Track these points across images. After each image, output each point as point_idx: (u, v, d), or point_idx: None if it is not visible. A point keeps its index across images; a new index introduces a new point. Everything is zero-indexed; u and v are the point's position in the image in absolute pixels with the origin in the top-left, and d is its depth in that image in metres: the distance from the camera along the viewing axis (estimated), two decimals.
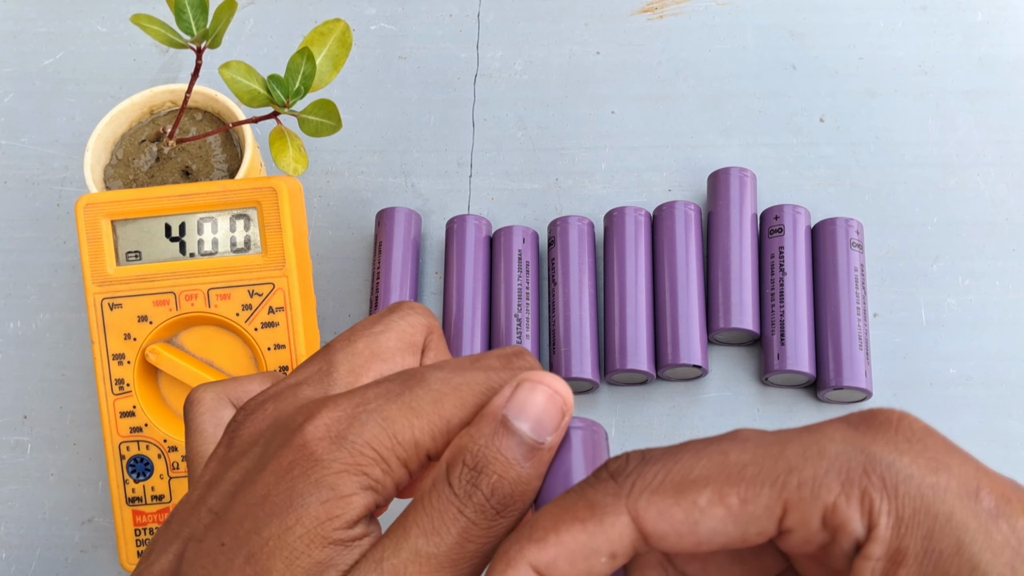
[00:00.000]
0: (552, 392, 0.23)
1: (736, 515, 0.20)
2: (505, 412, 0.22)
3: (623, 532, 0.20)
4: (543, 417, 0.22)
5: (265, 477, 0.22)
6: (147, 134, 0.46)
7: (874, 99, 0.54)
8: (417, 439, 0.23)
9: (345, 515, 0.22)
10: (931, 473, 0.19)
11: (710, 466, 0.20)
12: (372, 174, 0.53)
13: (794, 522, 0.20)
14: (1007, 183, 0.51)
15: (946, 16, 0.56)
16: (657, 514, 0.20)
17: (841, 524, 0.19)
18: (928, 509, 0.19)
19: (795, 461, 0.20)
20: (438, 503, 0.22)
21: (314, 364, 0.26)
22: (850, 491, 0.19)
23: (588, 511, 0.20)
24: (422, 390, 0.23)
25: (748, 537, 0.20)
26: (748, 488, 0.20)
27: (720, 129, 0.54)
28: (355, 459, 0.22)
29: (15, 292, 0.51)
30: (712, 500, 0.20)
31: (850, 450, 0.20)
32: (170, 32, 0.40)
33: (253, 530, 0.22)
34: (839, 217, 0.48)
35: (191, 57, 0.43)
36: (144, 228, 0.41)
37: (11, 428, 0.48)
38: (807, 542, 0.20)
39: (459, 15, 0.58)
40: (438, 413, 0.23)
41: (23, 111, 0.56)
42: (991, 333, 0.48)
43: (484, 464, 0.22)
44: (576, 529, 0.20)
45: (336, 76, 0.42)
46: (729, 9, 0.57)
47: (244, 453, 0.24)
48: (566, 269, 0.47)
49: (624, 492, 0.20)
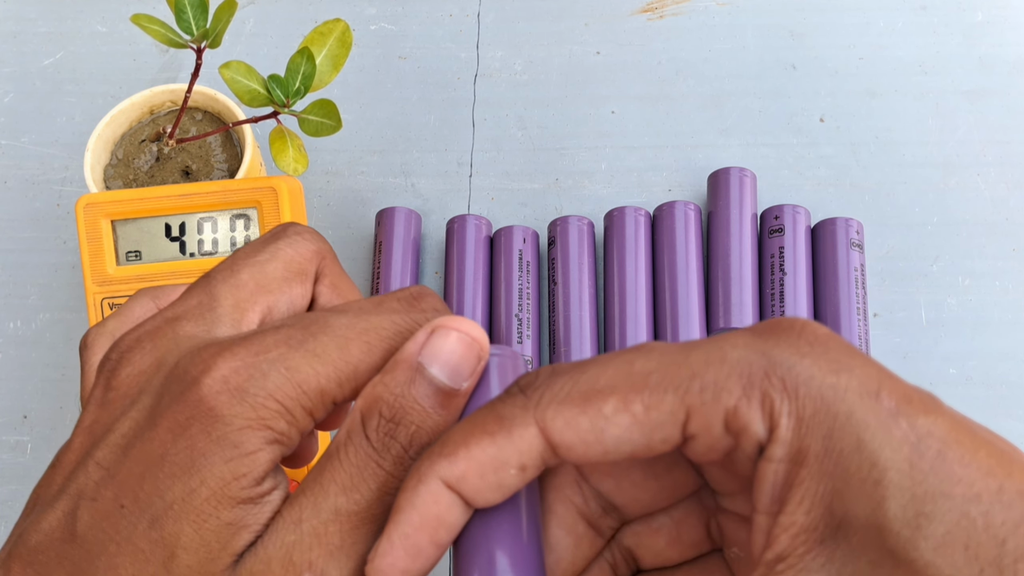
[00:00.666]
0: (467, 337, 0.22)
1: (641, 422, 0.20)
2: (420, 359, 0.22)
3: (532, 443, 0.20)
4: (459, 363, 0.22)
5: (160, 434, 0.21)
6: (147, 134, 0.46)
7: (874, 99, 0.54)
8: (323, 387, 0.22)
9: (252, 472, 0.21)
10: (832, 374, 0.19)
11: (616, 376, 0.20)
12: (372, 174, 0.53)
13: (697, 427, 0.19)
14: (1007, 183, 0.51)
15: (946, 16, 0.56)
16: (564, 424, 0.20)
17: (743, 427, 0.19)
18: (828, 409, 0.19)
19: (698, 367, 0.20)
20: (355, 458, 0.21)
21: (193, 296, 0.24)
22: (751, 393, 0.19)
23: (497, 424, 0.20)
24: (326, 336, 0.22)
25: (653, 444, 0.20)
26: (652, 395, 0.20)
27: (720, 129, 0.54)
28: (258, 413, 0.21)
29: (15, 292, 0.51)
30: (617, 408, 0.20)
31: (751, 354, 0.20)
32: (170, 32, 0.40)
33: (155, 493, 0.21)
34: (839, 217, 0.48)
35: (191, 57, 0.43)
36: (144, 228, 0.41)
37: (11, 428, 0.48)
38: (711, 448, 0.20)
39: (459, 15, 0.58)
40: (344, 359, 0.22)
41: (23, 111, 0.56)
42: (991, 333, 0.48)
43: (401, 414, 0.21)
44: (485, 442, 0.20)
45: (336, 76, 0.42)
46: (729, 9, 0.57)
47: (130, 400, 0.23)
48: (566, 269, 0.47)
49: (532, 404, 0.20)
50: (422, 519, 0.20)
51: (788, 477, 0.19)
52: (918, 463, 0.18)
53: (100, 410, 0.23)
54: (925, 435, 0.18)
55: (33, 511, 0.22)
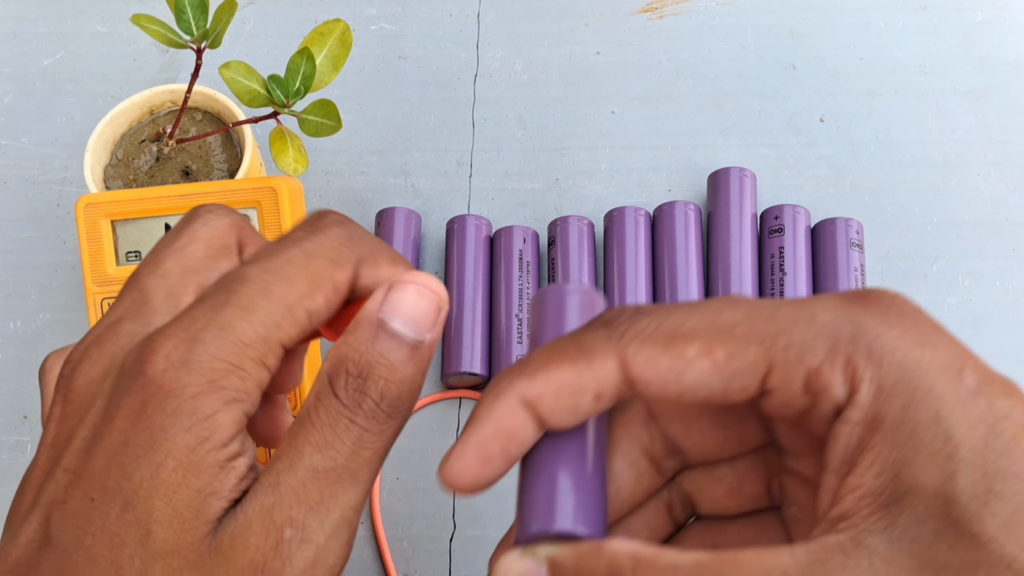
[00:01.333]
0: (425, 289, 0.23)
1: (721, 369, 0.20)
2: (380, 315, 0.22)
3: (610, 375, 0.21)
4: (419, 315, 0.22)
5: (118, 424, 0.21)
6: (147, 134, 0.46)
7: (874, 99, 0.54)
8: (262, 334, 0.22)
9: (215, 435, 0.21)
10: (917, 348, 0.19)
11: (701, 322, 0.20)
12: (372, 174, 0.53)
13: (777, 382, 0.20)
14: (1007, 183, 0.51)
15: (946, 16, 0.56)
16: (644, 361, 0.20)
17: (823, 387, 0.20)
18: (909, 380, 0.19)
19: (785, 324, 0.20)
20: (327, 416, 0.22)
21: (126, 297, 0.25)
22: (835, 357, 0.19)
23: (579, 352, 0.21)
24: (246, 287, 0.22)
25: (730, 393, 0.20)
26: (736, 344, 0.20)
27: (720, 129, 0.54)
28: (206, 377, 0.21)
29: (15, 292, 0.51)
30: (700, 352, 0.20)
31: (840, 319, 0.20)
32: (170, 32, 0.40)
33: (122, 478, 0.21)
34: (839, 217, 0.48)
35: (191, 57, 0.43)
36: (144, 228, 0.41)
37: (11, 428, 0.48)
38: (787, 405, 0.20)
39: (459, 15, 0.58)
40: (272, 301, 0.22)
41: (23, 111, 0.56)
42: (991, 333, 0.48)
43: (368, 370, 0.22)
44: (565, 367, 0.21)
45: (336, 76, 0.42)
46: (729, 9, 0.57)
47: (85, 407, 0.23)
48: (566, 269, 0.47)
49: (615, 337, 0.21)
50: (496, 430, 0.21)
51: (861, 441, 0.19)
52: (992, 443, 0.18)
53: (60, 424, 0.23)
54: (1002, 417, 0.19)
55: (8, 530, 0.23)
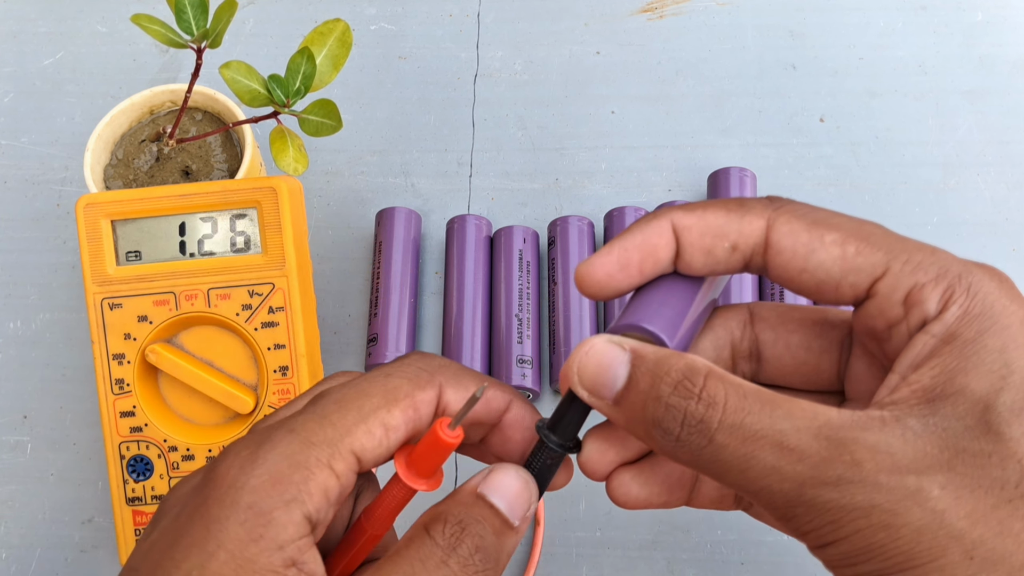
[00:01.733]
0: (524, 474, 0.25)
1: (847, 259, 0.23)
2: (480, 490, 0.24)
3: (754, 230, 0.24)
4: (515, 496, 0.24)
5: (181, 520, 0.21)
6: (147, 134, 0.46)
7: (874, 99, 0.54)
8: (331, 436, 0.22)
9: (270, 533, 0.21)
10: (1009, 301, 0.23)
11: (845, 222, 0.24)
12: (372, 174, 0.53)
13: (885, 287, 0.23)
14: (1007, 183, 0.51)
15: (946, 16, 0.56)
16: (788, 230, 0.24)
17: (919, 301, 0.23)
18: (993, 317, 0.22)
19: (912, 248, 0.23)
20: (419, 553, 0.22)
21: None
22: (940, 281, 0.23)
23: (738, 205, 0.25)
24: (323, 400, 0.23)
25: (842, 287, 0.24)
26: (867, 245, 0.23)
27: (720, 129, 0.54)
28: (269, 473, 0.21)
29: (15, 292, 0.51)
30: (835, 241, 0.24)
31: (956, 261, 0.23)
32: (170, 32, 0.40)
33: (173, 567, 0.21)
34: None
35: (191, 57, 0.43)
36: (144, 228, 0.41)
37: (11, 428, 0.48)
38: (881, 313, 0.23)
39: (459, 15, 0.58)
40: (345, 408, 0.23)
41: (23, 111, 0.56)
42: None
43: (467, 524, 0.23)
44: (721, 211, 0.24)
45: (336, 76, 0.42)
46: (729, 9, 0.57)
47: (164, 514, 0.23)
48: (566, 269, 0.47)
49: (773, 207, 0.24)
50: (642, 241, 0.24)
51: (934, 350, 0.22)
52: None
53: (143, 535, 0.24)
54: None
55: None
